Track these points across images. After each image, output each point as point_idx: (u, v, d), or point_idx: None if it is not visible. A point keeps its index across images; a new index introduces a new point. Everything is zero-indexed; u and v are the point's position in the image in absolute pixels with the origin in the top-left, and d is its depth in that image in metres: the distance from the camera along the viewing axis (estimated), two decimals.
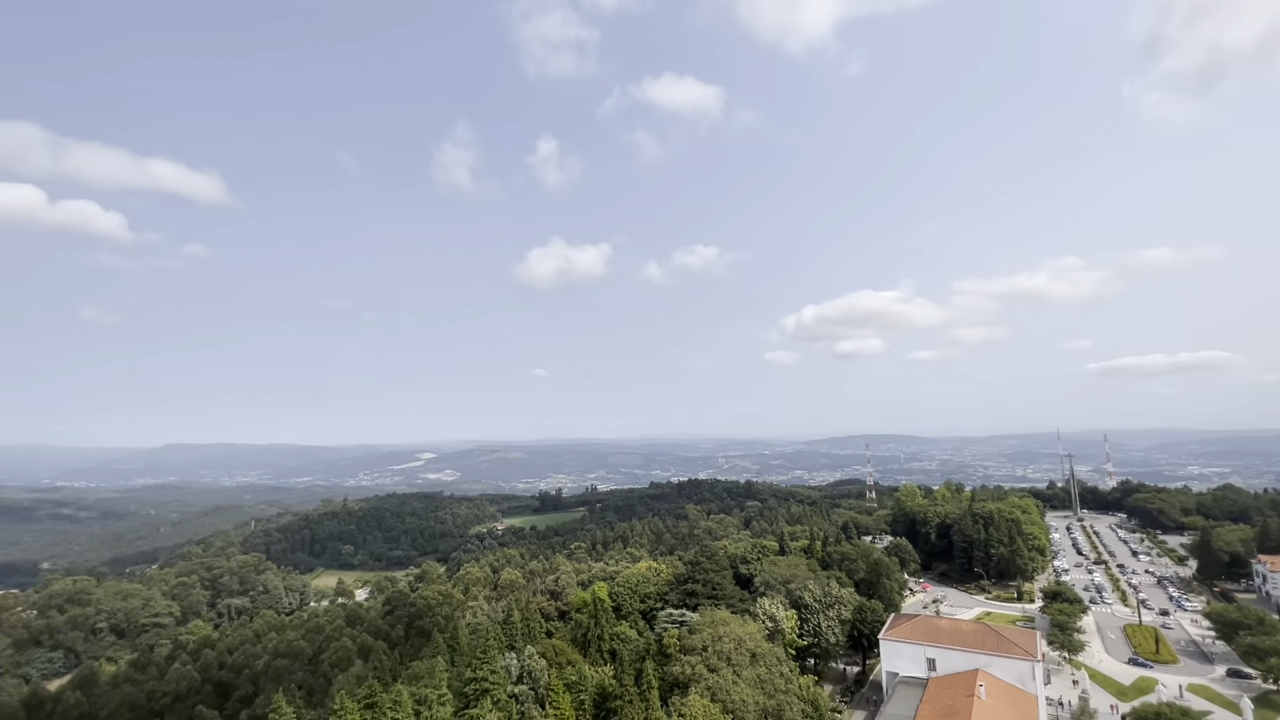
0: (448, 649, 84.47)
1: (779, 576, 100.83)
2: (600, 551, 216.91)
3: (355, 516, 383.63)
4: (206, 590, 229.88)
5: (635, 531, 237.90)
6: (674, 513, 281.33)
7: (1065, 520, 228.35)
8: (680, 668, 70.16)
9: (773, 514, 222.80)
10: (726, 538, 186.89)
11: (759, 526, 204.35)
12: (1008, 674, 72.87)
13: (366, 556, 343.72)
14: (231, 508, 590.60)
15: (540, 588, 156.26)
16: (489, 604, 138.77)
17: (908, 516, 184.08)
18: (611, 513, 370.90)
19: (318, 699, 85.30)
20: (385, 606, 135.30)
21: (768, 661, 72.81)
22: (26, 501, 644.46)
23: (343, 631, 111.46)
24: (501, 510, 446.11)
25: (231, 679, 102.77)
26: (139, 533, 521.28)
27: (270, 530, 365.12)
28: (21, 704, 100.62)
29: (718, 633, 73.22)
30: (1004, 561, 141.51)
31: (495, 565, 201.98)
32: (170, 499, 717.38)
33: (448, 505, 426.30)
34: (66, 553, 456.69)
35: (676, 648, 75.34)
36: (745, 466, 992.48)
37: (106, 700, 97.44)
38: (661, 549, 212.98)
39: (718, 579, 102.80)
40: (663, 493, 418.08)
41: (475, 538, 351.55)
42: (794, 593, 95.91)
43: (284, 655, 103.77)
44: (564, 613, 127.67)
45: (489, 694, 61.50)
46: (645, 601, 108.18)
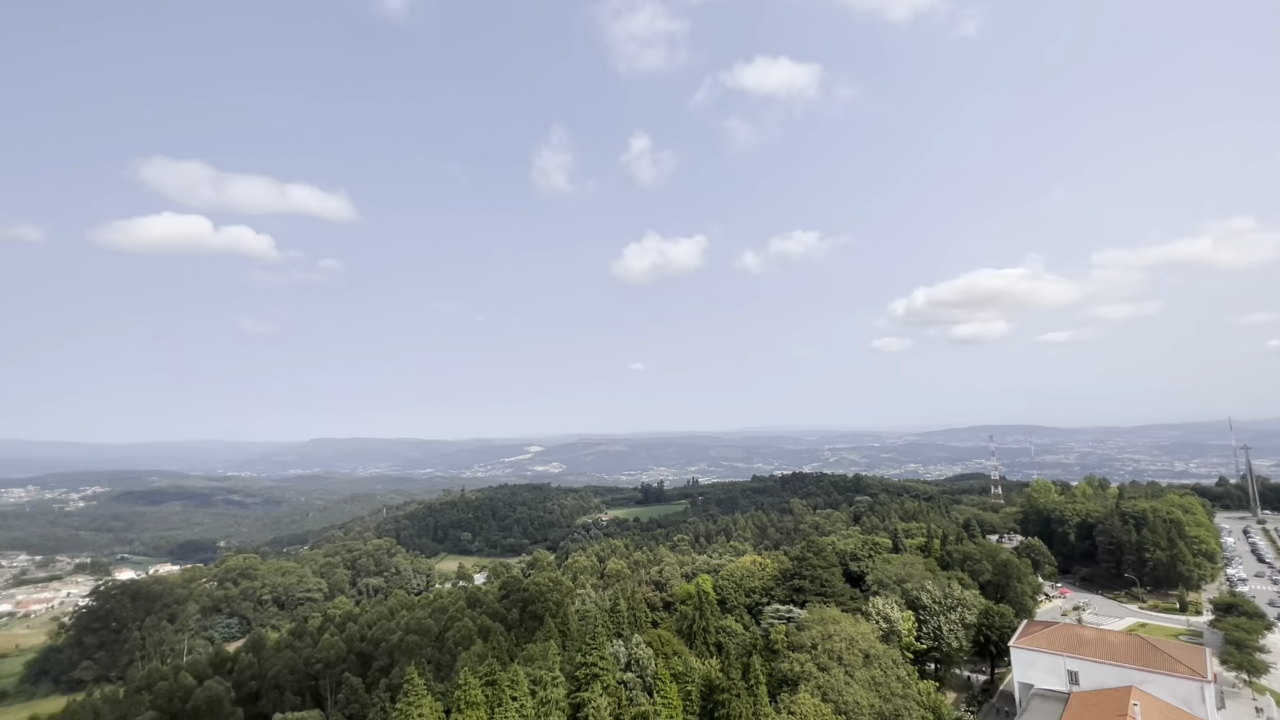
0: (559, 633, 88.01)
1: (893, 575, 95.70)
2: (703, 544, 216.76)
3: (472, 506, 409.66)
4: (348, 570, 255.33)
5: (738, 525, 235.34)
6: (778, 506, 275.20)
7: (1241, 522, 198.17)
8: (789, 665, 68.59)
9: (884, 509, 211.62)
10: (834, 533, 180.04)
11: (870, 522, 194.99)
12: (1169, 694, 64.52)
13: (483, 543, 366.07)
14: (366, 496, 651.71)
15: (644, 578, 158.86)
16: (596, 592, 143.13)
17: (1041, 514, 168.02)
18: (713, 506, 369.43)
19: (444, 673, 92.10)
20: (501, 591, 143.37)
21: (883, 663, 69.40)
22: (206, 489, 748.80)
23: (464, 612, 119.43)
24: (605, 501, 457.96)
25: (371, 650, 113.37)
26: (292, 517, 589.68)
27: (399, 517, 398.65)
28: (209, 662, 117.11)
29: (828, 631, 70.76)
30: (1162, 567, 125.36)
31: (601, 555, 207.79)
32: (316, 488, 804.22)
33: (555, 496, 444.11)
34: (237, 533, 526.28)
35: (784, 644, 73.68)
36: (853, 460, 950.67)
37: (272, 663, 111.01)
38: (766, 543, 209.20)
39: (826, 575, 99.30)
40: (765, 486, 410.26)
41: (581, 528, 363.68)
42: (910, 593, 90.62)
43: (414, 632, 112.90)
44: (668, 604, 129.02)
45: (599, 679, 63.35)
46: (750, 596, 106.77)
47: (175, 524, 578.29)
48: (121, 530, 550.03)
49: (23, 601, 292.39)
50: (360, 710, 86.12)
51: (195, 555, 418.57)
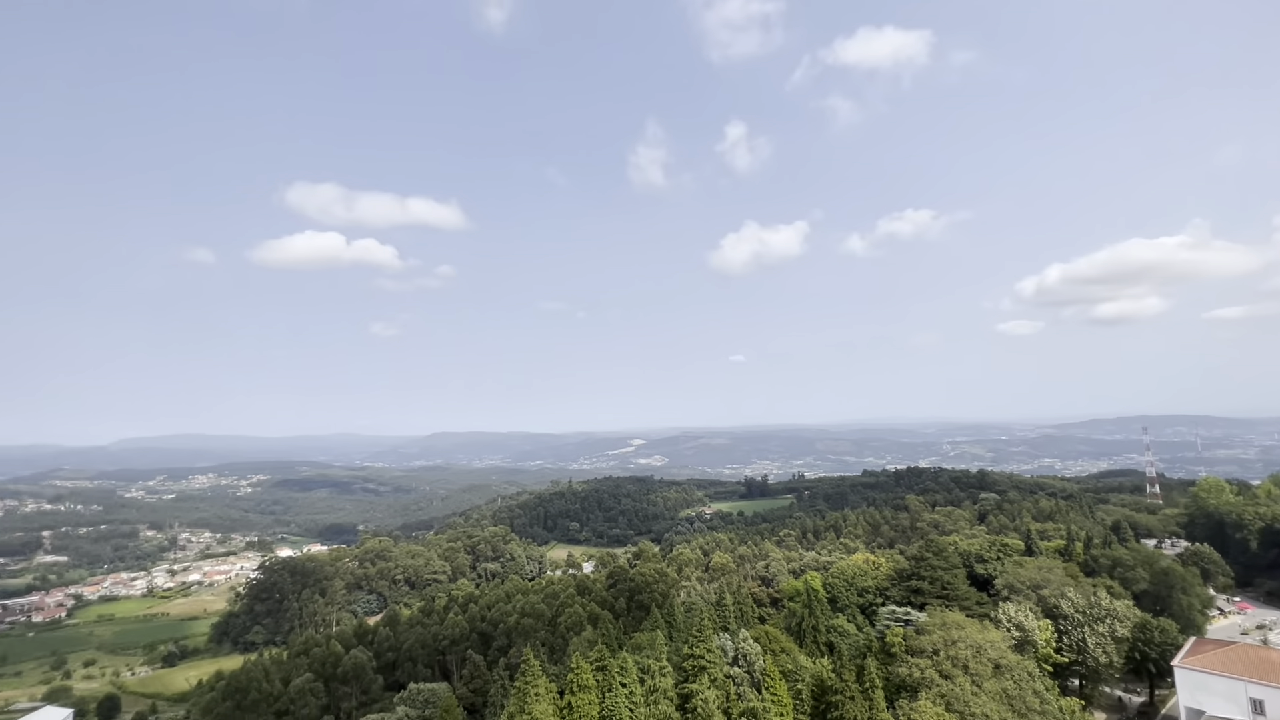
0: (665, 624, 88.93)
1: (1027, 580, 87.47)
2: (810, 540, 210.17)
3: (579, 496, 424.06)
4: (468, 555, 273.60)
5: (849, 521, 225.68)
6: (891, 503, 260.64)
7: None
8: (907, 670, 64.82)
9: (1014, 508, 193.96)
10: (956, 533, 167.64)
11: (997, 522, 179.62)
12: None
13: (590, 533, 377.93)
14: (482, 486, 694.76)
15: (750, 573, 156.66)
16: (700, 585, 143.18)
17: (1211, 518, 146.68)
18: (821, 501, 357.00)
19: (556, 656, 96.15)
20: (608, 580, 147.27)
21: (1016, 675, 63.68)
22: (346, 478, 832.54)
23: (574, 599, 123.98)
24: (708, 495, 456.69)
25: (490, 630, 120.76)
26: (418, 505, 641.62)
27: (512, 506, 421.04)
28: (353, 632, 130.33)
29: (951, 636, 66.00)
30: None
31: (705, 548, 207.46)
32: (438, 478, 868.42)
33: (658, 489, 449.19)
34: (372, 518, 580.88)
35: (902, 648, 69.74)
36: (977, 454, 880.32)
37: (406, 637, 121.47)
38: (879, 541, 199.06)
39: (948, 577, 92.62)
40: (878, 481, 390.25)
41: (684, 521, 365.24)
42: (1047, 600, 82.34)
43: (529, 615, 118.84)
44: (775, 600, 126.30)
45: (706, 671, 63.26)
46: (863, 596, 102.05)
47: (322, 509, 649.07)
48: (280, 513, 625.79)
49: (208, 572, 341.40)
50: (482, 685, 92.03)
51: (339, 537, 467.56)
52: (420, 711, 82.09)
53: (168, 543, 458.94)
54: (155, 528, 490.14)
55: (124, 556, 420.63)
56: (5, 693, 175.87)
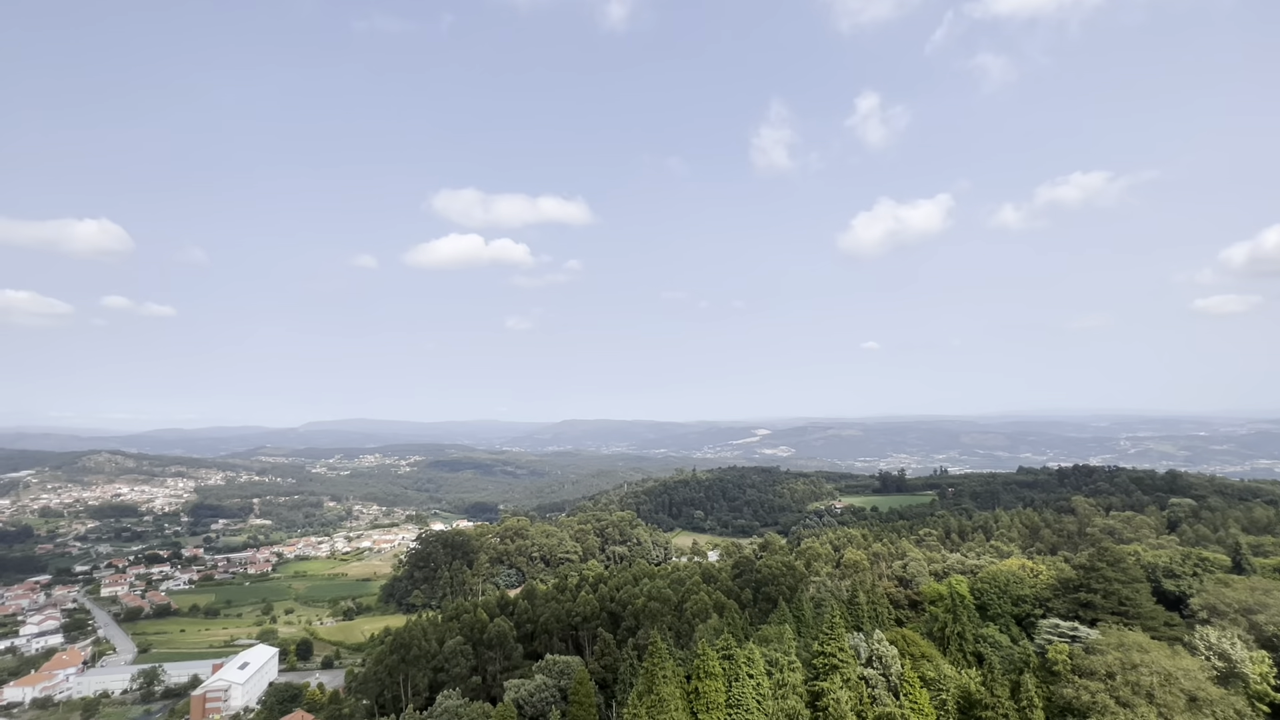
0: (794, 618, 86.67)
1: (1235, 602, 73.93)
2: (955, 541, 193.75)
3: (703, 485, 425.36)
4: (597, 537, 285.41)
5: (1001, 522, 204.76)
6: (1054, 505, 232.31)
7: None
8: (1074, 691, 57.61)
9: (1217, 517, 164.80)
10: (1138, 542, 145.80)
11: (1194, 532, 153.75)
12: None
13: (714, 522, 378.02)
14: (609, 472, 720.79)
15: (885, 572, 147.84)
16: (831, 581, 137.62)
17: None
18: (967, 499, 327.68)
19: (682, 641, 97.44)
20: (734, 570, 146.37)
21: (1219, 711, 54.27)
22: (488, 461, 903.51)
23: (700, 586, 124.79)
24: (838, 488, 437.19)
25: (619, 611, 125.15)
26: (551, 487, 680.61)
27: (638, 493, 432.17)
28: (496, 603, 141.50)
29: (1131, 659, 57.63)
30: None
31: (836, 543, 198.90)
32: (569, 463, 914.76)
33: (784, 480, 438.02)
34: (511, 498, 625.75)
35: (1068, 667, 62.10)
36: (1165, 451, 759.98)
37: (542, 610, 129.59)
38: (1038, 546, 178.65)
39: (1127, 592, 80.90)
40: (1037, 479, 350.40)
41: (813, 514, 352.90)
42: (1263, 628, 69.07)
43: (655, 599, 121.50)
44: (914, 602, 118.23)
45: (839, 670, 60.78)
46: (1019, 605, 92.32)
47: (468, 488, 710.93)
48: (433, 490, 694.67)
49: (377, 540, 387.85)
50: (612, 663, 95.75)
51: (483, 514, 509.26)
52: (556, 681, 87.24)
53: (345, 513, 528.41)
54: (335, 499, 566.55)
55: (312, 522, 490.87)
56: (231, 629, 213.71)
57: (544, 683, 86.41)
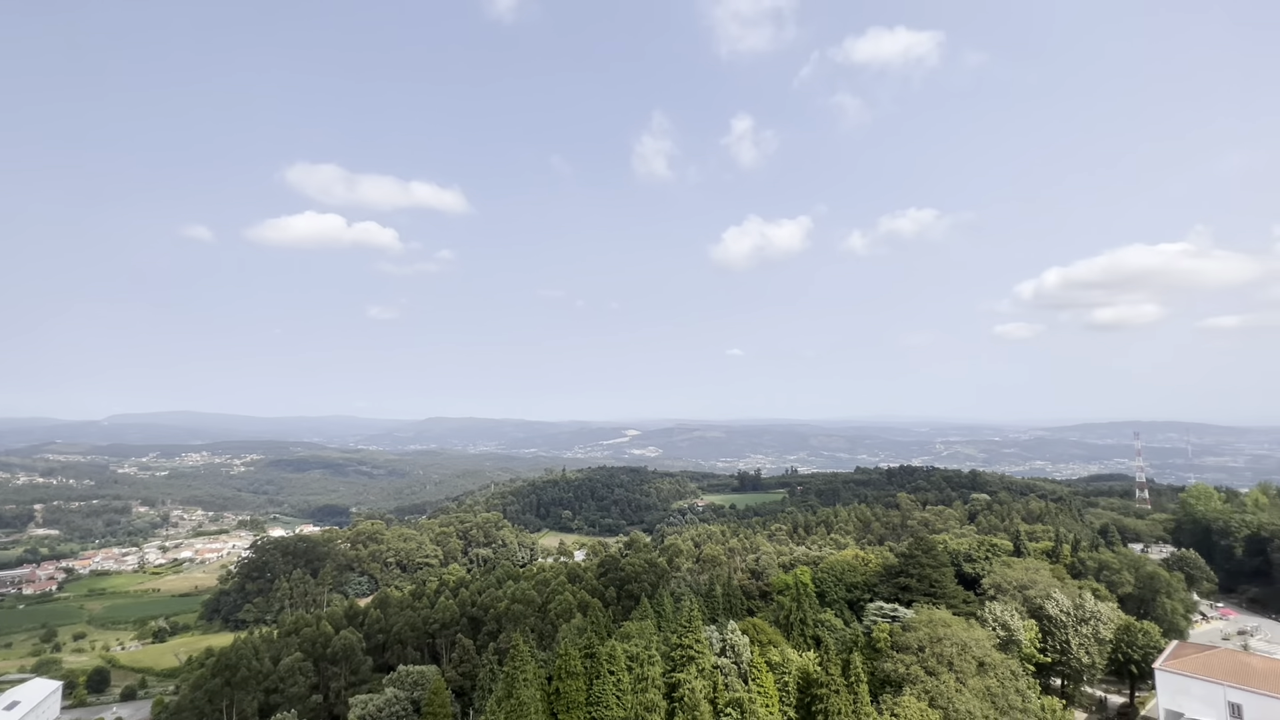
0: (655, 614, 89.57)
1: (1013, 580, 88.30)
2: (801, 535, 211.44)
3: (572, 485, 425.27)
4: (460, 540, 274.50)
5: (840, 517, 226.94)
6: (883, 500, 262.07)
7: None
8: (892, 665, 65.56)
9: (1005, 509, 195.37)
10: (946, 531, 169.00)
11: (987, 522, 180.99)
12: None
13: (582, 522, 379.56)
14: (476, 472, 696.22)
15: (740, 566, 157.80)
16: (691, 576, 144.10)
17: (1199, 524, 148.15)
18: (813, 496, 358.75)
19: (545, 642, 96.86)
20: (600, 569, 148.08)
21: (999, 673, 64.50)
22: (340, 460, 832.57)
23: (565, 587, 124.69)
24: (701, 487, 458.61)
25: (481, 615, 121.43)
26: (412, 488, 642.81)
27: (505, 493, 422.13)
28: (344, 614, 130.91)
29: (937, 634, 66.72)
30: None
31: (697, 540, 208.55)
32: (432, 462, 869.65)
33: (652, 480, 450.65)
34: (366, 500, 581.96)
35: (888, 644, 70.46)
36: (969, 454, 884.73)
37: (396, 619, 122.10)
38: (869, 538, 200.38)
39: (936, 575, 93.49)
40: (870, 478, 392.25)
41: (677, 512, 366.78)
42: (1033, 601, 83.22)
43: (519, 601, 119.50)
44: (764, 593, 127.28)
45: (694, 661, 63.87)
46: (851, 591, 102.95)
47: (316, 490, 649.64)
48: (274, 493, 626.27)
49: (200, 550, 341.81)
50: (471, 669, 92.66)
51: (332, 518, 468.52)
52: (409, 693, 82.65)
53: (160, 519, 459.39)
54: (148, 504, 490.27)
55: (115, 532, 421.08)
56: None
57: (395, 695, 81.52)
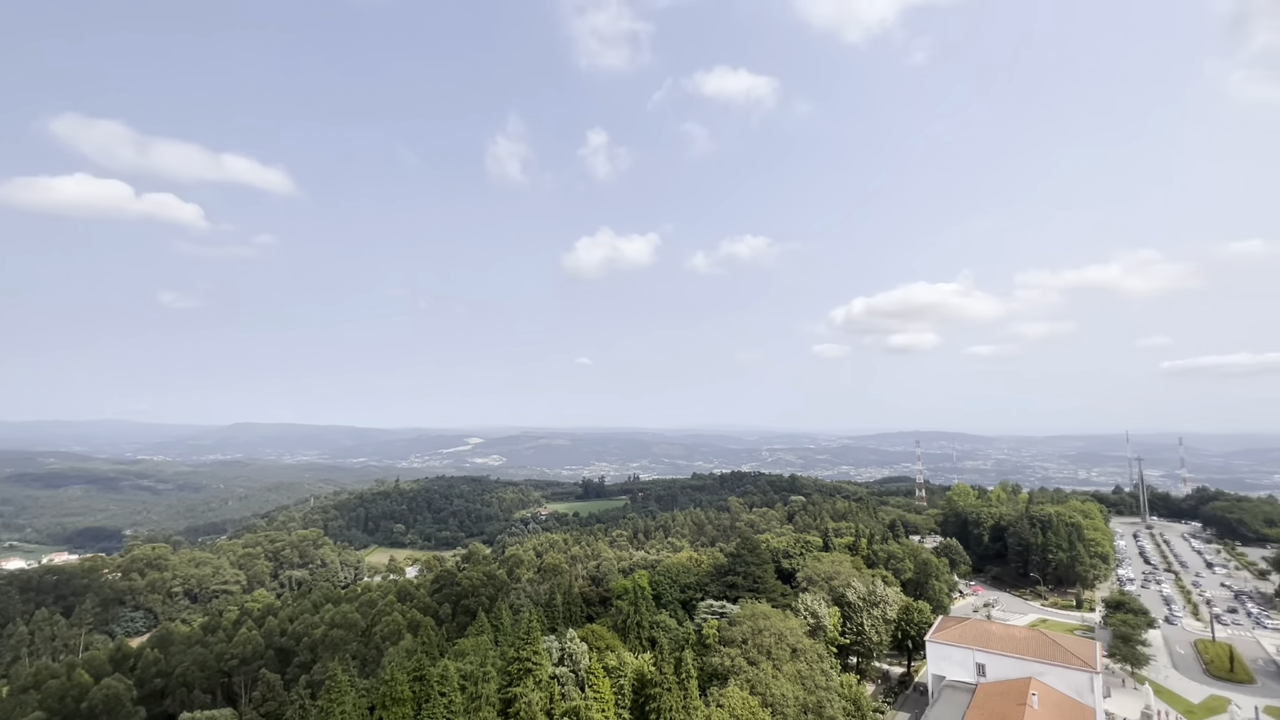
0: (492, 628, 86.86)
1: (822, 573, 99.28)
2: (641, 540, 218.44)
3: (406, 497, 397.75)
4: (270, 561, 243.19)
5: (677, 521, 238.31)
6: (716, 504, 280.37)
7: (1132, 527, 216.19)
8: (719, 659, 70.13)
9: (817, 509, 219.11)
10: (769, 531, 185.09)
11: (802, 521, 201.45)
12: (1064, 684, 69.86)
13: (416, 536, 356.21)
14: (292, 485, 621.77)
15: (582, 573, 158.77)
16: (532, 587, 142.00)
17: (959, 517, 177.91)
18: (653, 502, 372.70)
19: (370, 669, 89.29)
20: (434, 585, 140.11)
21: (809, 657, 71.95)
22: (112, 473, 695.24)
23: (394, 607, 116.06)
24: (545, 496, 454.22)
25: (292, 646, 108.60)
26: (210, 505, 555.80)
27: (327, 507, 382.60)
28: (108, 658, 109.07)
29: (758, 626, 72.75)
30: (1062, 568, 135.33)
31: (539, 549, 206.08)
32: (238, 474, 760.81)
33: (494, 489, 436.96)
34: (147, 521, 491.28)
35: (716, 639, 75.29)
36: (789, 460, 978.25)
37: (181, 659, 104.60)
38: (703, 540, 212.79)
39: (759, 572, 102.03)
40: (705, 484, 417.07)
41: (520, 521, 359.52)
42: (837, 590, 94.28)
43: (339, 626, 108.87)
44: (605, 598, 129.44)
45: (531, 674, 62.95)
46: (685, 591, 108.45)
47: (75, 510, 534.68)
48: (11, 516, 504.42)
49: None
50: (278, 708, 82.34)
51: (97, 544, 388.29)
52: None
53: None
54: None
55: None
56: None
57: None
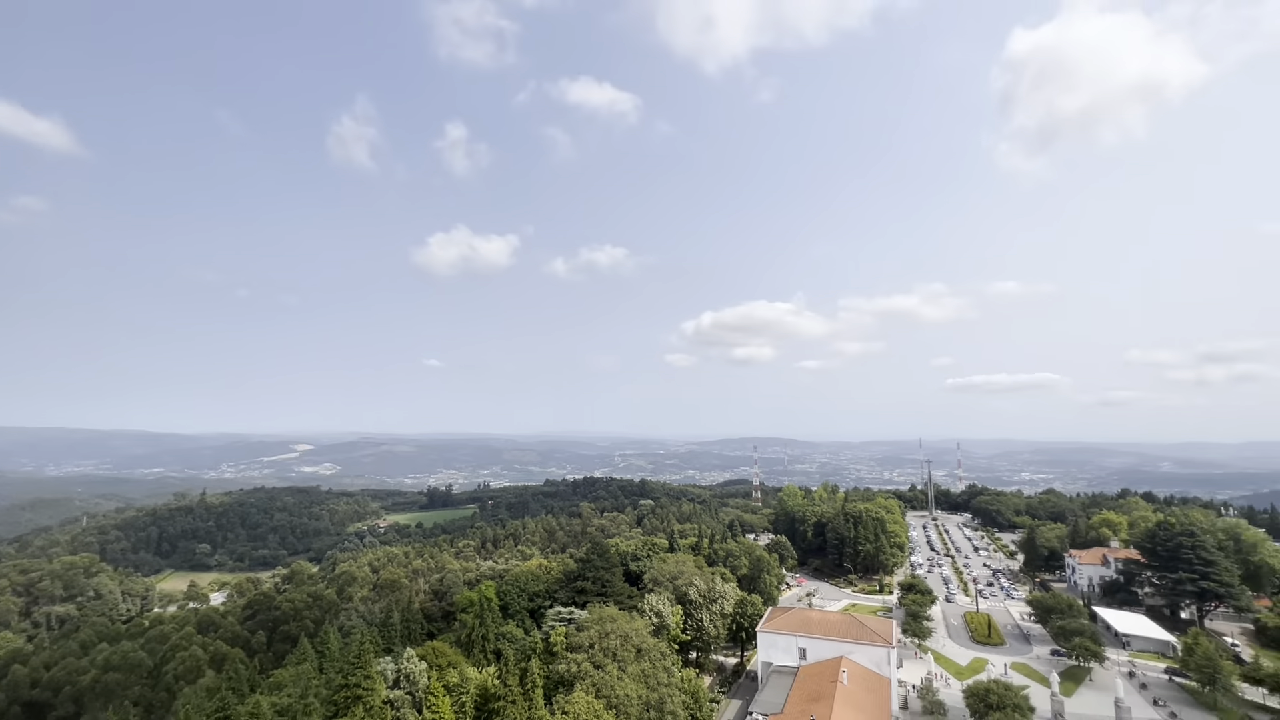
0: (316, 655, 78.96)
1: (667, 573, 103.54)
2: (490, 550, 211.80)
3: (214, 512, 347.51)
4: (19, 597, 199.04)
5: (528, 529, 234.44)
6: (568, 510, 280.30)
7: (922, 519, 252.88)
8: (566, 665, 70.17)
9: (664, 512, 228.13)
10: (619, 535, 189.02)
11: (651, 524, 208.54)
12: (867, 660, 79.65)
13: (226, 556, 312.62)
14: (57, 501, 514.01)
15: (424, 587, 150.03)
16: (367, 606, 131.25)
17: (789, 515, 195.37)
18: (504, 510, 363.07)
19: (158, 715, 76.60)
20: (245, 611, 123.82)
21: (652, 656, 74.59)
22: None
23: (192, 640, 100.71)
24: (385, 506, 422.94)
25: (48, 698, 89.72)
26: None
27: (107, 528, 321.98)
28: None
29: (605, 629, 74.00)
30: (869, 557, 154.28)
31: (376, 565, 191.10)
32: None
33: (325, 501, 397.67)
34: None
35: (563, 646, 75.27)
36: (640, 465, 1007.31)
37: None
38: (554, 547, 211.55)
39: (608, 576, 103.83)
40: (558, 490, 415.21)
41: (355, 535, 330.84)
42: (680, 589, 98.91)
43: (116, 669, 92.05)
44: (449, 613, 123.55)
45: (361, 700, 58.20)
46: (534, 600, 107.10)
47: None
48: None
49: None
50: None
51: None
52: None
53: None
54: None
55: None
56: None
57: None
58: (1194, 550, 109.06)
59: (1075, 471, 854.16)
